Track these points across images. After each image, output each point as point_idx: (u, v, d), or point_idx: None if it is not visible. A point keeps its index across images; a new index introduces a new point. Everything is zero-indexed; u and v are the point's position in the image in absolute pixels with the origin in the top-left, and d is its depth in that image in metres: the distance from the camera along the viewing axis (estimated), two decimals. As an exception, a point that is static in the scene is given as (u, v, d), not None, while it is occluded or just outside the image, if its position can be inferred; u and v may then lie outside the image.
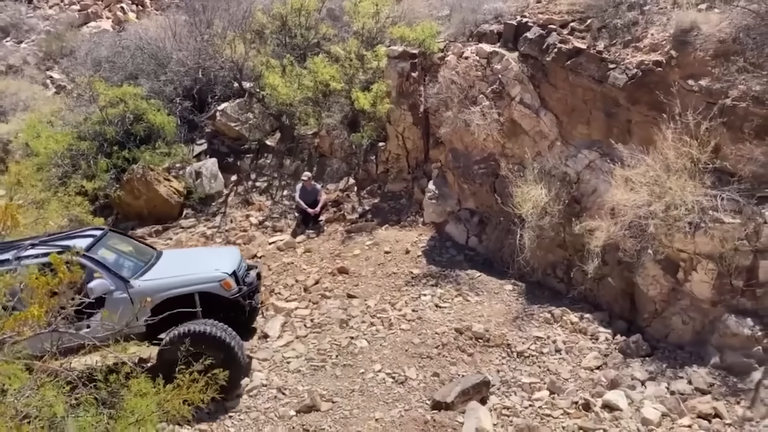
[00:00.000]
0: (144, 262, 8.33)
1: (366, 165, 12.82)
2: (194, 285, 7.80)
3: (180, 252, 10.24)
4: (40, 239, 8.23)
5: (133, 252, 8.71)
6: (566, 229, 9.06)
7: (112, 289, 7.51)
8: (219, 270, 7.99)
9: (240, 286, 8.11)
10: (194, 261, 8.74)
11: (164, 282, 7.77)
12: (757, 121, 7.42)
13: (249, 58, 14.13)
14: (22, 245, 7.93)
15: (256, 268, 9.06)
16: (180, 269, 8.12)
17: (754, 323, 7.29)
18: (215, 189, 13.27)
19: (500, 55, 10.17)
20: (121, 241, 8.91)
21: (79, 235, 8.56)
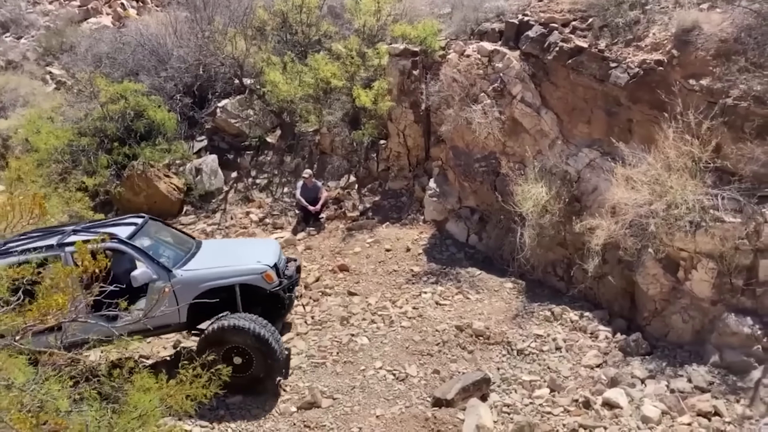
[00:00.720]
0: (184, 251, 8.24)
1: (367, 163, 12.83)
2: (236, 276, 7.70)
3: (219, 242, 10.14)
4: (82, 226, 8.28)
5: (173, 241, 8.60)
6: (567, 227, 9.07)
7: (154, 278, 7.46)
8: (261, 262, 7.88)
9: (281, 279, 8.01)
10: (235, 252, 8.65)
11: (206, 272, 7.69)
12: (758, 120, 7.44)
13: (250, 55, 14.12)
14: (65, 231, 7.96)
15: (296, 261, 8.94)
16: (221, 260, 8.04)
17: (753, 322, 7.33)
18: (215, 186, 13.26)
19: (502, 54, 10.18)
20: (161, 230, 8.81)
21: (120, 223, 8.51)
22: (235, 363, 7.35)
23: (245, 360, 7.42)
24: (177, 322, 7.70)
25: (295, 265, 8.67)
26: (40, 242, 7.67)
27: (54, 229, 8.28)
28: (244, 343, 7.32)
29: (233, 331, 7.30)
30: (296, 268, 8.63)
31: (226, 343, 7.35)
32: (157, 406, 5.11)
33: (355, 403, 7.52)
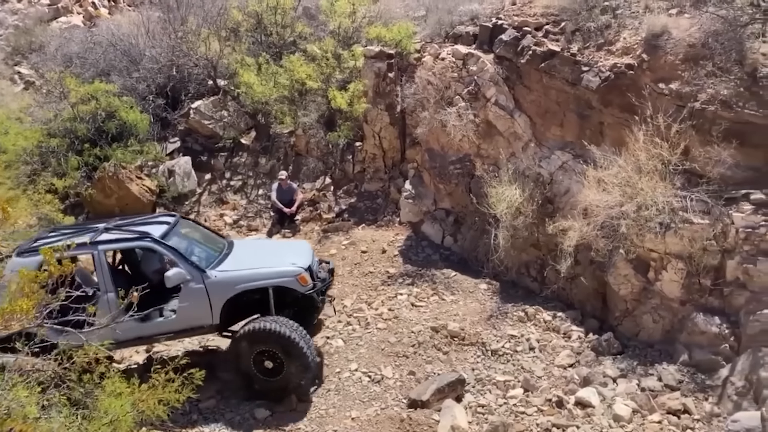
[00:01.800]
0: (217, 251, 8.09)
1: (342, 164, 12.81)
2: (270, 279, 7.54)
3: (252, 242, 9.86)
4: (113, 224, 8.10)
5: (205, 240, 8.44)
6: (540, 229, 9.18)
7: (188, 279, 7.32)
8: (295, 264, 7.72)
9: (314, 282, 7.86)
10: (269, 253, 8.50)
11: (240, 274, 7.54)
12: (724, 124, 7.61)
13: (224, 56, 14.01)
14: (97, 229, 7.82)
15: (329, 263, 8.73)
16: (255, 261, 7.88)
17: (721, 321, 7.48)
18: (188, 188, 13.12)
19: (476, 57, 10.26)
20: (192, 229, 8.67)
21: (151, 221, 8.33)
22: (265, 367, 7.30)
23: (276, 364, 7.30)
24: (210, 324, 7.55)
25: (327, 268, 8.47)
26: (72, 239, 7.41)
27: (85, 227, 8.17)
28: (276, 348, 7.20)
29: (265, 335, 7.17)
30: (329, 270, 8.43)
31: (258, 346, 7.25)
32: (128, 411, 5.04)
33: (330, 406, 7.50)
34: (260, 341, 7.22)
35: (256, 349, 7.27)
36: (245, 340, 7.29)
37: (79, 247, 7.38)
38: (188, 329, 7.66)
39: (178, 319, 7.51)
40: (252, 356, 7.30)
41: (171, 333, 7.69)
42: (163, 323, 7.56)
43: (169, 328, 7.58)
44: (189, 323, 7.55)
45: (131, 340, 7.59)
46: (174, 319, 7.53)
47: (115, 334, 7.06)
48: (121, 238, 7.63)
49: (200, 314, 7.43)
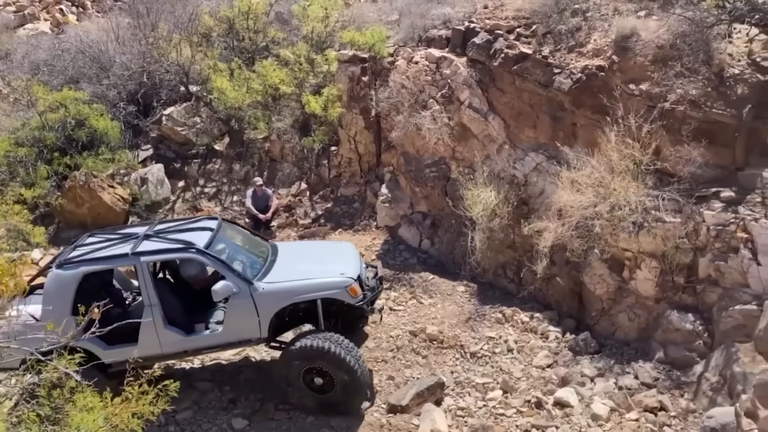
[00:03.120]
0: (262, 258, 7.71)
1: (318, 169, 12.74)
2: (320, 291, 7.16)
3: (295, 248, 9.15)
4: (154, 230, 7.76)
5: (248, 246, 8.04)
6: (515, 230, 9.22)
7: (235, 291, 6.96)
8: (345, 274, 7.33)
9: (364, 292, 7.45)
10: (316, 261, 7.91)
11: (289, 285, 7.16)
12: (694, 124, 7.74)
13: (195, 62, 13.86)
14: (137, 236, 7.53)
15: (375, 268, 8.25)
16: (303, 271, 7.44)
17: (695, 318, 7.59)
18: (162, 195, 12.94)
19: (449, 60, 10.30)
20: (234, 233, 8.22)
21: (193, 227, 7.90)
22: (315, 383, 7.10)
23: (326, 381, 7.07)
24: (258, 337, 7.26)
25: (376, 275, 8.05)
26: (112, 250, 7.31)
27: (124, 233, 7.88)
28: (327, 366, 6.96)
29: (316, 353, 6.90)
30: (378, 279, 8.00)
31: (308, 362, 7.00)
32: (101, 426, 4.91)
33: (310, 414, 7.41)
34: (311, 359, 6.95)
35: (306, 365, 7.02)
36: (295, 357, 7.02)
37: (120, 259, 7.23)
38: (235, 342, 7.40)
39: (224, 332, 7.19)
40: (302, 372, 7.07)
41: (217, 346, 7.44)
42: (210, 337, 7.27)
43: (216, 342, 7.29)
44: (236, 336, 7.25)
45: (176, 353, 7.40)
46: (220, 332, 7.21)
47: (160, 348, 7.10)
48: (164, 248, 7.28)
49: (248, 327, 7.13)
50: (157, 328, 7.02)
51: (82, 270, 7.02)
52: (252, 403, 7.64)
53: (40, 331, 6.60)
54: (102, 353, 7.06)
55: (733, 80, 7.80)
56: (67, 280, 6.96)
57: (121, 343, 7.04)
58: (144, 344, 7.02)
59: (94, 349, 6.98)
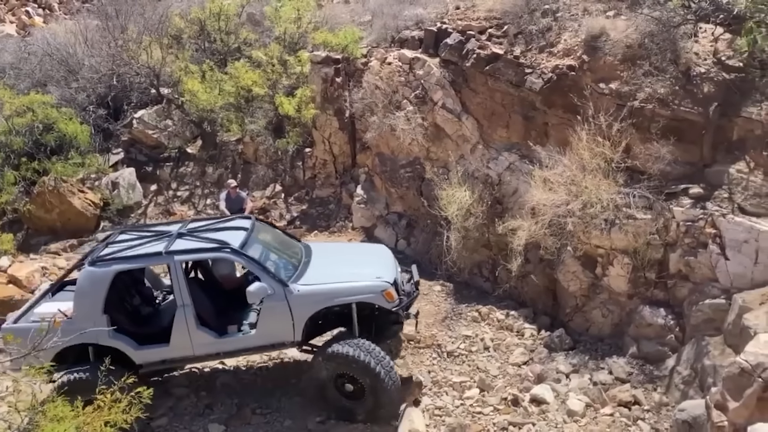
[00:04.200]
0: (296, 259, 7.54)
1: (293, 171, 12.69)
2: (356, 294, 6.98)
3: (329, 249, 8.75)
4: (187, 228, 7.58)
5: (282, 246, 7.85)
6: (490, 229, 9.28)
7: (270, 293, 6.80)
8: (381, 278, 7.14)
9: (400, 297, 7.25)
10: (351, 263, 7.74)
11: (325, 288, 6.98)
12: (662, 121, 7.87)
13: (166, 64, 13.71)
14: (170, 234, 7.37)
15: (410, 272, 8.00)
16: (339, 274, 7.26)
17: (666, 313, 7.71)
18: (134, 199, 12.77)
19: (422, 61, 10.33)
20: (267, 233, 8.01)
21: (227, 226, 7.72)
22: (346, 389, 6.96)
23: (357, 388, 6.91)
24: (291, 341, 7.09)
25: (411, 279, 7.84)
26: (145, 248, 7.17)
27: (157, 230, 7.75)
28: (356, 374, 6.78)
29: (345, 360, 6.74)
30: (414, 283, 7.78)
31: (339, 369, 6.85)
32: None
33: (288, 417, 7.37)
34: (341, 365, 6.80)
35: (337, 371, 6.87)
36: (326, 363, 6.86)
37: (153, 257, 7.11)
38: (268, 345, 7.24)
39: (258, 335, 7.03)
40: (333, 378, 6.92)
41: (249, 349, 7.29)
42: (242, 339, 7.11)
43: (248, 344, 7.14)
44: (269, 339, 7.09)
45: (208, 355, 7.26)
46: (254, 335, 7.04)
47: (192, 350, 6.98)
48: (198, 248, 7.13)
49: (282, 330, 6.96)
50: (189, 329, 6.90)
51: (115, 268, 6.93)
52: (229, 408, 7.57)
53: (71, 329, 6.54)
54: (133, 353, 6.96)
55: (700, 79, 7.95)
56: (99, 278, 6.86)
57: (152, 343, 6.99)
58: (176, 345, 6.94)
59: (125, 348, 6.91)
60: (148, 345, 6.99)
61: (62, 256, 11.56)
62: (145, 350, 6.98)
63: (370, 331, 7.23)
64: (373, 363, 6.70)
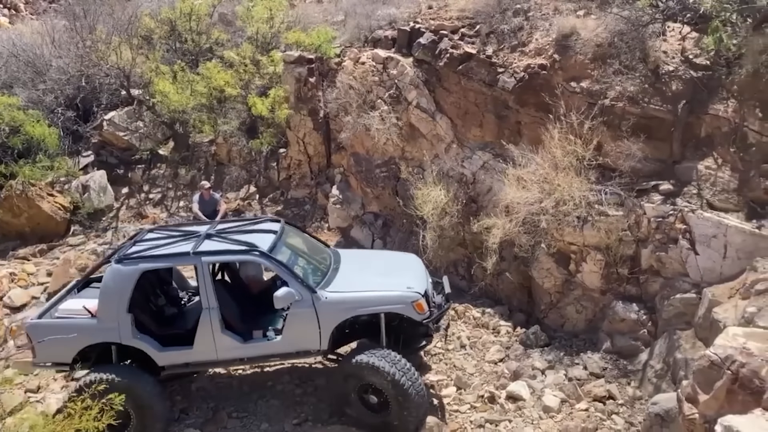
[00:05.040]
0: (324, 265, 7.40)
1: (267, 172, 12.60)
2: (385, 304, 6.81)
3: (359, 256, 8.53)
4: (216, 229, 7.44)
5: (311, 251, 7.70)
6: (465, 227, 9.32)
7: (297, 299, 6.65)
8: (412, 288, 6.95)
9: (431, 309, 7.04)
10: (381, 272, 7.46)
11: (353, 296, 6.82)
12: (632, 119, 7.98)
13: (137, 65, 13.50)
14: (198, 234, 7.23)
15: (442, 284, 7.69)
16: (368, 282, 7.09)
17: (639, 308, 7.82)
18: (105, 203, 12.56)
19: (396, 61, 10.33)
20: (296, 237, 7.86)
21: (256, 228, 7.58)
22: (369, 401, 6.77)
23: (381, 401, 6.70)
24: (317, 350, 6.89)
25: (442, 290, 7.57)
26: (173, 248, 7.05)
27: (185, 230, 7.63)
28: (381, 386, 6.58)
29: (370, 370, 6.55)
30: (445, 296, 7.49)
31: (363, 379, 6.66)
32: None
33: (264, 420, 7.32)
34: (365, 376, 6.62)
35: (361, 382, 6.70)
36: (350, 372, 6.70)
37: (181, 257, 6.99)
38: (293, 353, 7.06)
39: (283, 341, 6.87)
40: (356, 389, 6.76)
41: (274, 356, 7.13)
42: (267, 345, 6.95)
43: (273, 351, 6.98)
44: (295, 347, 6.91)
45: (231, 360, 7.10)
46: (279, 341, 6.89)
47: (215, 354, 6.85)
48: (226, 249, 6.99)
49: (308, 338, 6.80)
50: (214, 332, 6.77)
51: (142, 267, 6.84)
52: (204, 412, 7.49)
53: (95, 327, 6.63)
54: (156, 354, 6.84)
55: (668, 77, 8.08)
56: (125, 276, 6.76)
57: (175, 345, 6.87)
58: (199, 348, 6.82)
59: (148, 349, 6.81)
60: (171, 347, 6.88)
61: (31, 261, 11.33)
62: (169, 352, 6.87)
63: (397, 342, 7.03)
64: (398, 375, 6.50)
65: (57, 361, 6.96)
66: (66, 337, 6.60)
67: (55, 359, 6.96)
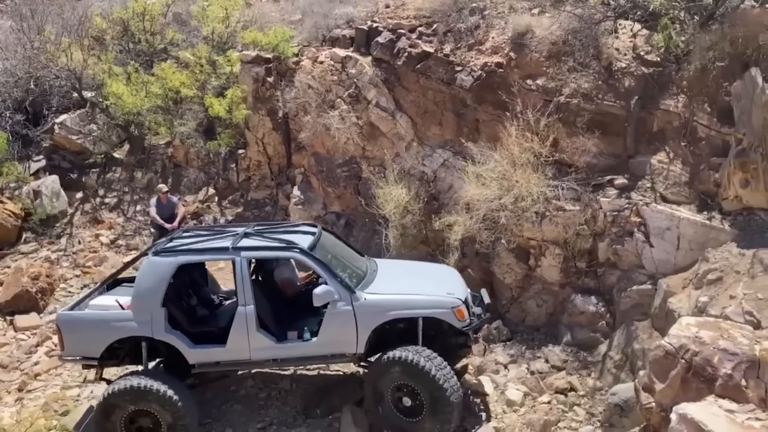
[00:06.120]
0: (361, 270, 7.22)
1: (226, 174, 12.41)
2: (426, 308, 6.63)
3: (395, 264, 8.16)
4: (254, 228, 7.29)
5: (347, 256, 7.50)
6: (427, 225, 9.36)
7: (335, 298, 6.46)
8: (452, 294, 6.80)
9: (471, 318, 6.87)
10: (420, 277, 7.36)
11: (393, 298, 6.64)
12: (587, 116, 8.15)
13: (88, 66, 13.12)
14: (236, 233, 7.05)
15: (479, 295, 7.48)
16: (407, 286, 6.95)
17: (597, 300, 7.99)
18: (58, 208, 12.17)
19: (354, 60, 10.30)
20: (334, 242, 7.70)
21: (294, 230, 7.49)
22: (403, 404, 6.51)
23: (416, 404, 6.44)
24: (353, 353, 6.67)
25: (481, 301, 7.37)
26: (212, 243, 6.90)
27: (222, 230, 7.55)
28: (415, 384, 6.35)
29: (404, 366, 6.30)
30: (485, 307, 7.29)
31: (396, 378, 6.42)
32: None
33: (228, 425, 7.22)
34: (398, 373, 6.38)
35: (394, 382, 6.47)
36: (382, 371, 6.48)
37: (219, 252, 6.81)
38: (327, 356, 6.84)
39: (318, 343, 6.65)
40: (389, 390, 6.52)
41: (309, 359, 6.90)
42: (302, 346, 6.73)
43: (308, 353, 6.76)
44: (330, 349, 6.71)
45: (264, 361, 6.89)
46: (314, 343, 6.66)
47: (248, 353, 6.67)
48: (266, 246, 6.84)
49: (344, 340, 6.61)
50: (248, 331, 6.56)
51: (180, 259, 6.68)
52: (166, 420, 7.33)
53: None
54: (188, 351, 6.64)
55: (621, 73, 8.27)
56: (162, 268, 6.60)
57: (208, 342, 6.69)
58: (232, 347, 6.62)
59: (179, 345, 6.61)
60: (203, 344, 6.69)
61: (-20, 271, 10.93)
62: (200, 349, 6.68)
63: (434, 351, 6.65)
64: (434, 370, 6.27)
65: (86, 355, 6.80)
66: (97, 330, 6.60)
67: (84, 353, 6.80)
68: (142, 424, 6.55)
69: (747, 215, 7.00)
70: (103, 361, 6.84)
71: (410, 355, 6.33)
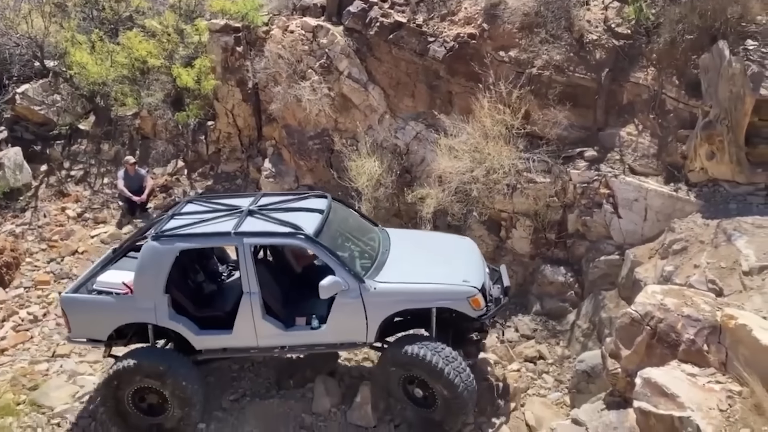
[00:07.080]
0: (372, 248, 6.87)
1: (195, 146, 12.19)
2: (438, 299, 6.31)
3: (410, 238, 7.64)
4: (258, 204, 6.90)
5: (358, 232, 7.11)
6: (400, 198, 9.37)
7: (344, 288, 6.18)
8: (468, 282, 6.40)
9: (488, 305, 6.54)
10: (435, 260, 6.88)
11: (404, 288, 6.33)
12: (559, 88, 8.19)
13: (50, 34, 12.68)
14: (240, 210, 6.69)
15: (499, 273, 7.16)
16: (420, 271, 6.56)
17: (566, 271, 8.14)
18: (22, 181, 11.85)
19: (325, 29, 10.14)
20: (344, 216, 7.22)
21: (302, 206, 7.00)
22: (415, 395, 6.39)
23: (428, 394, 6.32)
24: (363, 342, 6.47)
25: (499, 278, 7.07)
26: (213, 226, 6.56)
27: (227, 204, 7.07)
28: (426, 378, 6.19)
29: (413, 361, 6.14)
30: (504, 289, 6.93)
31: (406, 370, 6.29)
32: None
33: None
34: (408, 367, 6.23)
35: (405, 374, 6.33)
36: (392, 363, 6.35)
37: (221, 237, 6.53)
38: (337, 344, 6.68)
39: (327, 331, 6.43)
40: (400, 381, 6.41)
41: (318, 345, 6.65)
42: (311, 334, 6.51)
43: (316, 340, 6.55)
44: (340, 338, 6.51)
45: (272, 348, 6.66)
46: (322, 330, 6.44)
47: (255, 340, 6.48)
48: (269, 232, 6.42)
49: (353, 329, 6.39)
50: (254, 318, 6.36)
51: (179, 246, 6.41)
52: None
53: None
54: (193, 338, 6.45)
55: (592, 45, 8.30)
56: (162, 255, 6.35)
57: (214, 328, 6.50)
58: (239, 334, 6.43)
59: (184, 332, 6.43)
60: (209, 330, 6.51)
61: (-59, 247, 10.61)
62: (206, 335, 6.50)
63: (447, 336, 6.56)
64: (441, 364, 6.06)
65: (92, 337, 6.71)
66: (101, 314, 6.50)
67: (90, 335, 6.70)
68: (150, 400, 6.51)
69: (712, 186, 7.16)
70: (111, 341, 6.73)
71: (417, 349, 6.15)
